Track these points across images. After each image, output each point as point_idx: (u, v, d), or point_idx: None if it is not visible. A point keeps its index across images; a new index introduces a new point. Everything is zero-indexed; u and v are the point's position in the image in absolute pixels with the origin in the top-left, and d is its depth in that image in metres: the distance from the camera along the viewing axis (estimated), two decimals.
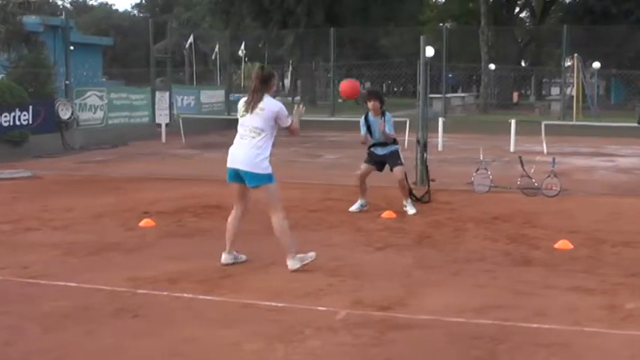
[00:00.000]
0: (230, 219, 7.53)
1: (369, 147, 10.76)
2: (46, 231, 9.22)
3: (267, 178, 7.22)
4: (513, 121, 20.27)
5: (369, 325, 5.60)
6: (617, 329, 5.56)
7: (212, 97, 30.31)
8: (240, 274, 7.07)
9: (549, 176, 11.81)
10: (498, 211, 10.51)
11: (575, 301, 6.24)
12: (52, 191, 12.56)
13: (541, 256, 7.89)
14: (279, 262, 7.46)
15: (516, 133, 20.05)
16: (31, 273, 7.13)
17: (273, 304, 6.13)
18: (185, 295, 6.38)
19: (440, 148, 19.69)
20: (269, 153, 7.26)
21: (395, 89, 78.45)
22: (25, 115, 18.71)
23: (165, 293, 6.42)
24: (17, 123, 18.46)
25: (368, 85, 75.63)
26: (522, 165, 12.02)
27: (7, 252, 8.05)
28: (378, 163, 10.79)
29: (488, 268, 7.38)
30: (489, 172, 12.33)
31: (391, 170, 10.67)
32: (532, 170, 12.12)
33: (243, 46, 44.25)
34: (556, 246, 8.27)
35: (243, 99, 7.42)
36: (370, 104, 10.53)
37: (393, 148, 10.68)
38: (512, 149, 19.38)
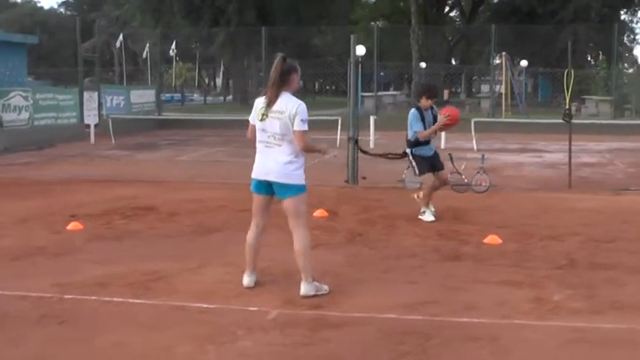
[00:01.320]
0: (250, 237, 6.69)
1: (413, 149, 9.94)
2: None
3: (297, 188, 6.40)
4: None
5: (300, 324, 5.60)
6: (545, 321, 5.66)
7: (142, 97, 29.95)
8: (171, 276, 6.97)
9: (479, 172, 11.95)
10: None
11: (504, 295, 6.33)
12: None
13: (470, 251, 8.00)
14: (210, 263, 7.43)
15: (447, 131, 20.23)
16: None
17: (205, 305, 6.07)
18: (114, 299, 6.27)
19: (372, 145, 19.76)
20: (303, 160, 6.46)
21: (327, 88, 78.73)
22: None
23: (93, 298, 6.30)
24: None
25: (300, 83, 75.22)
26: (452, 162, 12.10)
27: None
28: (431, 165, 10.00)
29: (418, 265, 7.46)
30: None
31: (434, 172, 9.94)
32: (462, 167, 12.25)
33: (174, 45, 43.94)
34: (485, 241, 8.40)
35: (262, 98, 6.47)
36: (428, 101, 9.82)
37: (433, 146, 10.04)
38: (442, 146, 19.55)
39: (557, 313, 5.87)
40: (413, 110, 9.89)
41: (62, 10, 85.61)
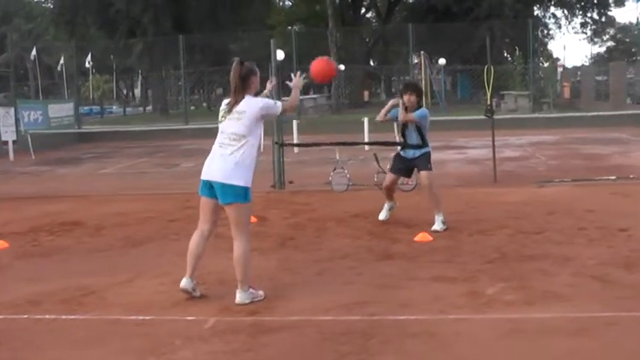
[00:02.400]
0: (194, 239, 6.62)
1: (400, 149, 9.93)
2: None
3: (243, 194, 6.35)
4: (366, 120, 20.67)
5: (239, 330, 5.58)
6: (481, 314, 5.78)
7: (61, 110, 29.36)
8: (104, 290, 6.87)
9: None
10: (358, 208, 10.70)
11: (438, 291, 6.42)
12: None
13: (403, 250, 8.09)
14: (143, 275, 7.36)
15: (369, 131, 20.45)
16: None
17: (140, 317, 6.01)
18: (47, 316, 6.14)
19: (295, 150, 19.83)
20: (251, 163, 6.40)
21: None
22: None
23: (25, 316, 6.16)
24: None
25: (220, 91, 74.89)
26: (377, 162, 12.24)
27: None
28: (406, 169, 9.94)
29: (352, 265, 7.50)
30: (346, 171, 12.52)
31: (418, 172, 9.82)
32: (387, 166, 12.36)
33: (89, 57, 43.26)
34: (416, 239, 8.51)
35: (225, 101, 6.52)
36: (406, 97, 9.59)
37: (424, 150, 9.78)
38: (366, 147, 19.73)
39: (492, 305, 5.98)
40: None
41: None
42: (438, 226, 9.10)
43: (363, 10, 60.32)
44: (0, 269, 7.91)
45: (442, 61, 36.02)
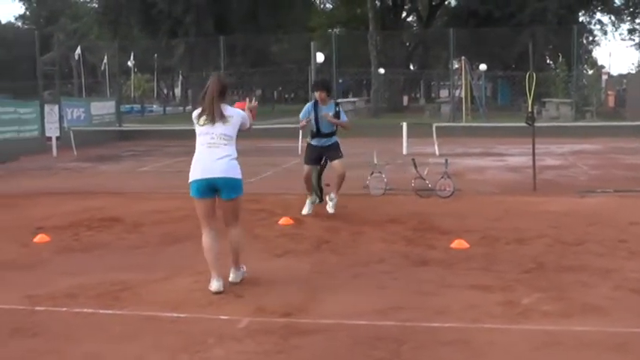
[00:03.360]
0: (207, 242, 6.91)
1: (311, 139, 10.65)
2: None
3: (242, 186, 6.92)
4: (405, 124, 20.64)
5: (271, 331, 5.60)
6: (516, 324, 5.71)
7: (102, 108, 29.75)
8: (140, 286, 6.95)
9: (442, 177, 12.05)
10: (394, 213, 10.67)
11: (473, 299, 6.38)
12: None
13: (438, 256, 8.04)
14: (179, 273, 7.42)
15: (408, 136, 20.42)
16: None
17: (175, 315, 6.06)
18: (85, 310, 6.24)
19: None
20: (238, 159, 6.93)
21: (286, 96, 78.77)
22: None
23: (64, 309, 6.27)
24: None
25: (259, 92, 75.28)
26: (415, 167, 12.23)
27: None
28: (318, 158, 10.70)
29: (387, 270, 7.48)
30: (384, 175, 12.51)
31: (330, 162, 10.62)
32: (425, 172, 12.35)
33: (132, 57, 43.70)
34: (452, 245, 8.45)
35: (198, 111, 6.94)
36: (317, 94, 10.48)
37: (335, 139, 10.61)
38: (404, 152, 19.72)
39: (528, 316, 5.91)
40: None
41: (19, 24, 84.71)
42: (332, 209, 10.49)
43: (404, 14, 60.16)
44: (41, 262, 8.04)
45: (483, 66, 35.75)
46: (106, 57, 42.35)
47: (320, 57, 14.53)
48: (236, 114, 6.91)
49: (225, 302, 6.41)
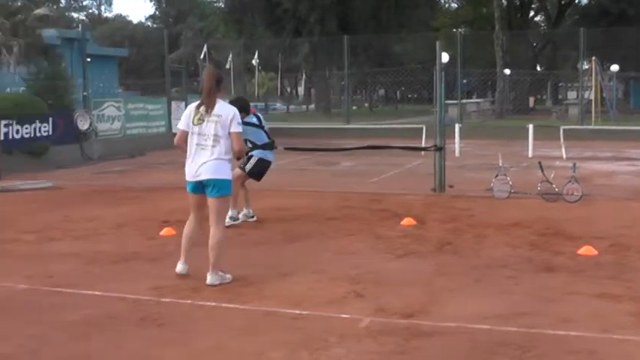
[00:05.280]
0: (189, 230, 7.35)
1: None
2: (68, 241, 9.26)
3: (229, 187, 7.14)
4: (531, 126, 20.20)
5: (393, 332, 5.57)
6: None
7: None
8: (261, 282, 7.05)
9: (570, 181, 11.72)
10: (519, 216, 10.44)
11: (601, 308, 6.16)
12: (73, 201, 12.64)
13: (564, 262, 7.81)
14: (300, 270, 7.48)
15: (534, 138, 19.98)
16: (55, 282, 7.17)
17: (296, 311, 6.11)
18: (208, 303, 6.38)
19: (457, 154, 19.64)
20: (230, 158, 7.14)
21: (409, 96, 78.42)
22: (45, 127, 18.91)
23: (188, 302, 6.43)
24: (37, 134, 18.68)
25: (382, 92, 75.22)
26: (542, 170, 11.93)
27: (33, 262, 8.09)
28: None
29: (510, 275, 7.32)
30: (508, 178, 12.27)
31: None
32: (552, 175, 12.04)
33: (256, 56, 44.38)
34: (579, 252, 8.17)
35: (194, 104, 7.17)
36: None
37: (254, 152, 10.29)
38: (530, 154, 19.31)
39: None
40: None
41: (149, 23, 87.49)
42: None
43: (531, 14, 58.93)
44: (167, 255, 8.24)
45: (615, 67, 34.52)
46: (231, 55, 43.10)
47: (445, 57, 14.32)
48: (225, 113, 7.01)
49: (347, 301, 6.41)
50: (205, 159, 7.00)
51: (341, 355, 5.13)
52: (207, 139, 6.99)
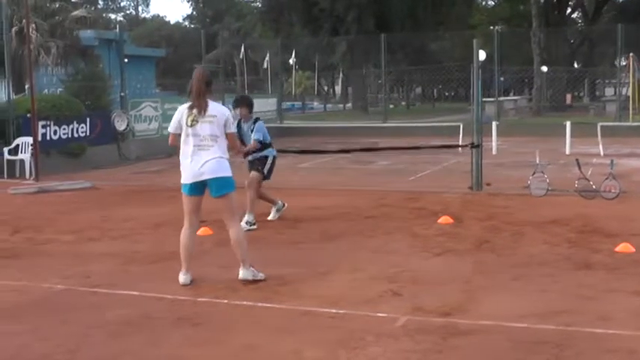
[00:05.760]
0: (186, 237, 7.29)
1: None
2: (106, 241, 9.38)
3: (232, 183, 7.19)
4: (568, 123, 20.04)
5: (430, 331, 5.56)
6: None
7: (264, 105, 30.46)
8: (298, 281, 7.08)
9: (608, 178, 11.61)
10: (556, 214, 10.36)
11: (639, 306, 6.11)
12: (110, 201, 12.76)
13: (602, 260, 7.75)
14: (337, 269, 7.50)
15: (571, 136, 19.81)
16: (94, 282, 7.27)
17: (333, 310, 6.12)
18: (245, 302, 6.41)
19: (494, 152, 19.54)
20: (226, 156, 7.23)
21: (446, 94, 78.11)
22: (82, 128, 19.11)
23: (225, 301, 6.47)
24: (75, 135, 18.88)
25: (419, 90, 74.99)
26: (580, 167, 11.84)
27: (71, 261, 8.21)
28: (251, 170, 10.44)
29: (548, 273, 7.28)
30: (546, 176, 12.17)
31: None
32: (589, 172, 11.94)
33: (293, 55, 44.53)
34: (617, 249, 8.10)
35: (185, 106, 7.19)
36: (238, 111, 10.44)
37: (262, 154, 10.36)
38: (567, 152, 19.16)
39: None
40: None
41: (186, 23, 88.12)
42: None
43: (568, 10, 58.35)
44: (204, 254, 8.31)
45: None
46: (268, 55, 43.33)
47: (482, 55, 14.28)
48: (220, 113, 7.10)
49: (383, 300, 6.42)
50: (207, 158, 7.07)
51: (378, 353, 5.14)
52: (205, 140, 7.05)
